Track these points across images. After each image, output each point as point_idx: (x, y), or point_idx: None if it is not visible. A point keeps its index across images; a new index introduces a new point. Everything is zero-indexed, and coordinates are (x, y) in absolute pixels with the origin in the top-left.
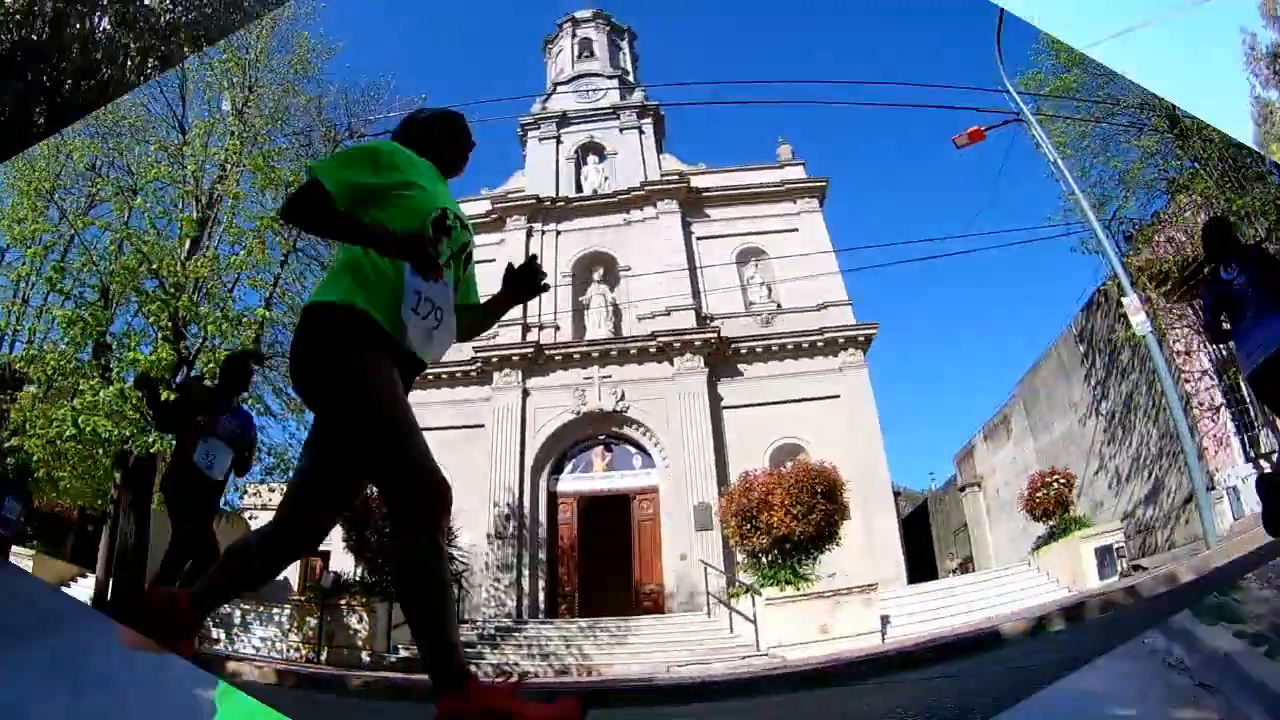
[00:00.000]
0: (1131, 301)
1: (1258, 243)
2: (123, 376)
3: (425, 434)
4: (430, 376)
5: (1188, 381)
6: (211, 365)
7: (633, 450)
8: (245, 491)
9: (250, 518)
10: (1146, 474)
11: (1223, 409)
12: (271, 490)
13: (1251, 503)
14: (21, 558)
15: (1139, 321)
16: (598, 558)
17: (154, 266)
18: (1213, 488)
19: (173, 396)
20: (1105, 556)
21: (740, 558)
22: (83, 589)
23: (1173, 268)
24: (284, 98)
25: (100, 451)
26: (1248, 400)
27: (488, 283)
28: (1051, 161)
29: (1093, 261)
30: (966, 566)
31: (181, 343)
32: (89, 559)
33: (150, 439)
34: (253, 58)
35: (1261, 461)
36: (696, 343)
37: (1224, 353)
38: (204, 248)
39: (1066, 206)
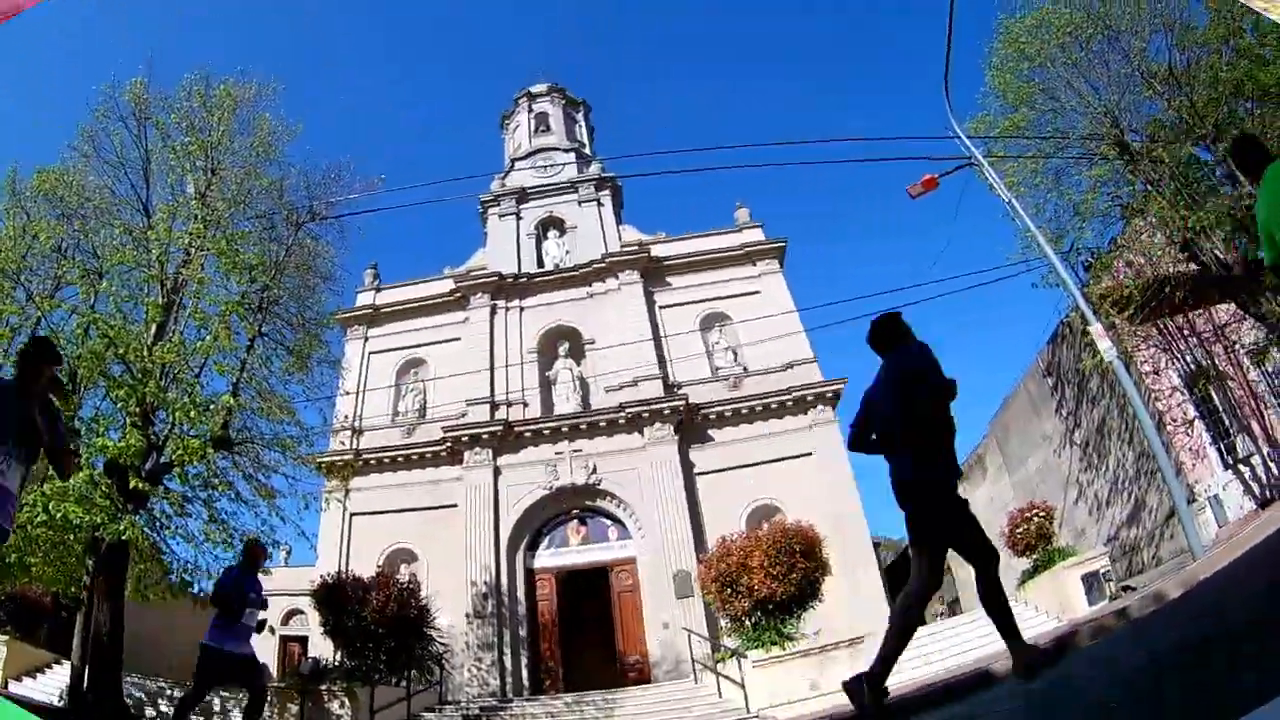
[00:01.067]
0: (1096, 329)
1: None
2: (93, 462)
3: (398, 516)
4: (400, 458)
5: (1158, 399)
6: (180, 452)
7: (608, 522)
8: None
9: None
10: (1126, 495)
11: (1196, 421)
12: None
13: (1234, 509)
14: None
15: (1105, 348)
16: (579, 631)
17: (121, 351)
18: (1194, 500)
19: (143, 485)
20: (1092, 582)
21: (724, 622)
22: (58, 676)
23: (1134, 291)
24: (246, 180)
25: (72, 538)
26: (1221, 410)
27: (453, 360)
28: (1006, 201)
29: (1055, 295)
30: (954, 609)
31: (150, 429)
32: (63, 646)
33: (121, 526)
34: (214, 140)
35: (1241, 466)
36: (665, 411)
37: (1193, 367)
38: (170, 332)
39: (1025, 243)
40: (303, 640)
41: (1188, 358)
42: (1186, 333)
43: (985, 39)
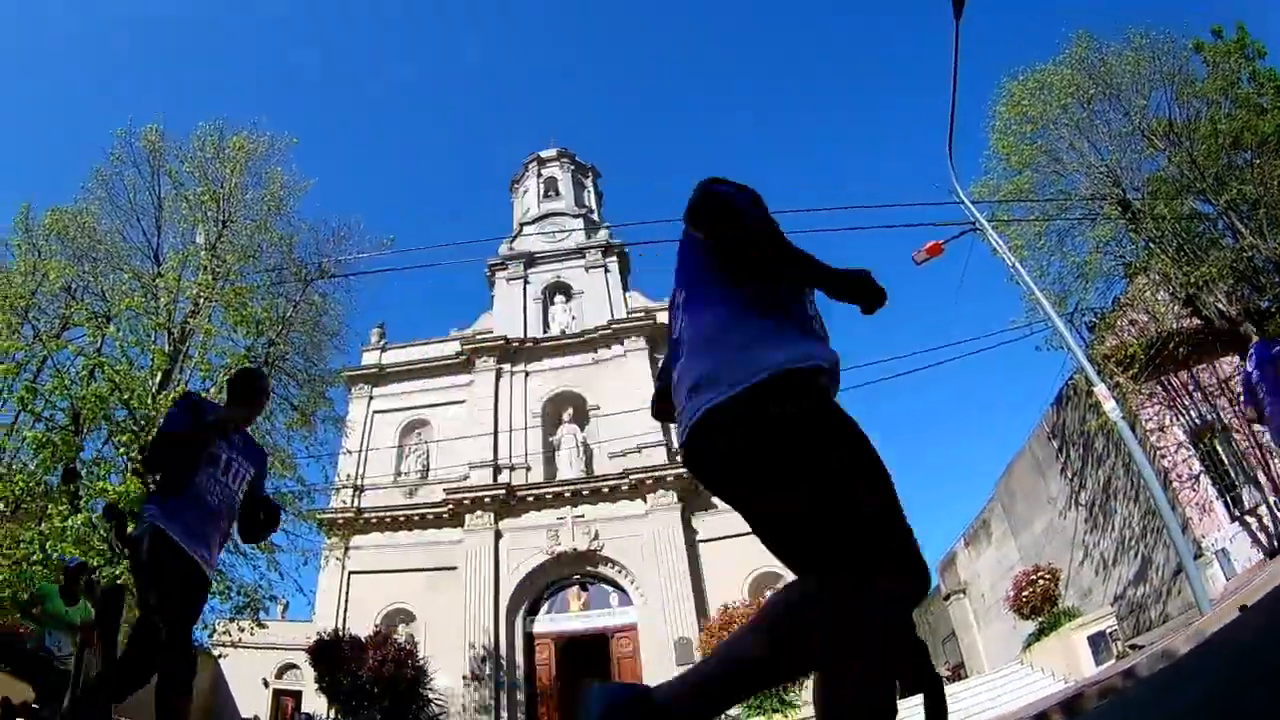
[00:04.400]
0: (1101, 390)
1: None
2: (91, 505)
3: (397, 576)
4: (402, 519)
5: (1164, 456)
6: None
7: (609, 588)
8: (214, 629)
9: (220, 656)
10: (1133, 554)
11: (1201, 476)
12: (241, 629)
13: (1241, 560)
14: None
15: (1110, 408)
16: (578, 697)
17: (125, 397)
18: (1200, 554)
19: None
20: (1099, 643)
21: None
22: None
23: (1138, 350)
24: (257, 234)
25: (66, 578)
26: (1226, 462)
27: (457, 422)
28: (1010, 265)
29: (1059, 357)
30: (958, 673)
31: (150, 476)
32: None
33: (118, 570)
34: (227, 191)
35: (1248, 518)
36: (669, 478)
37: (1198, 421)
38: (175, 381)
39: (1029, 307)
40: (296, 695)
41: (1192, 413)
42: (1191, 388)
43: (988, 102)
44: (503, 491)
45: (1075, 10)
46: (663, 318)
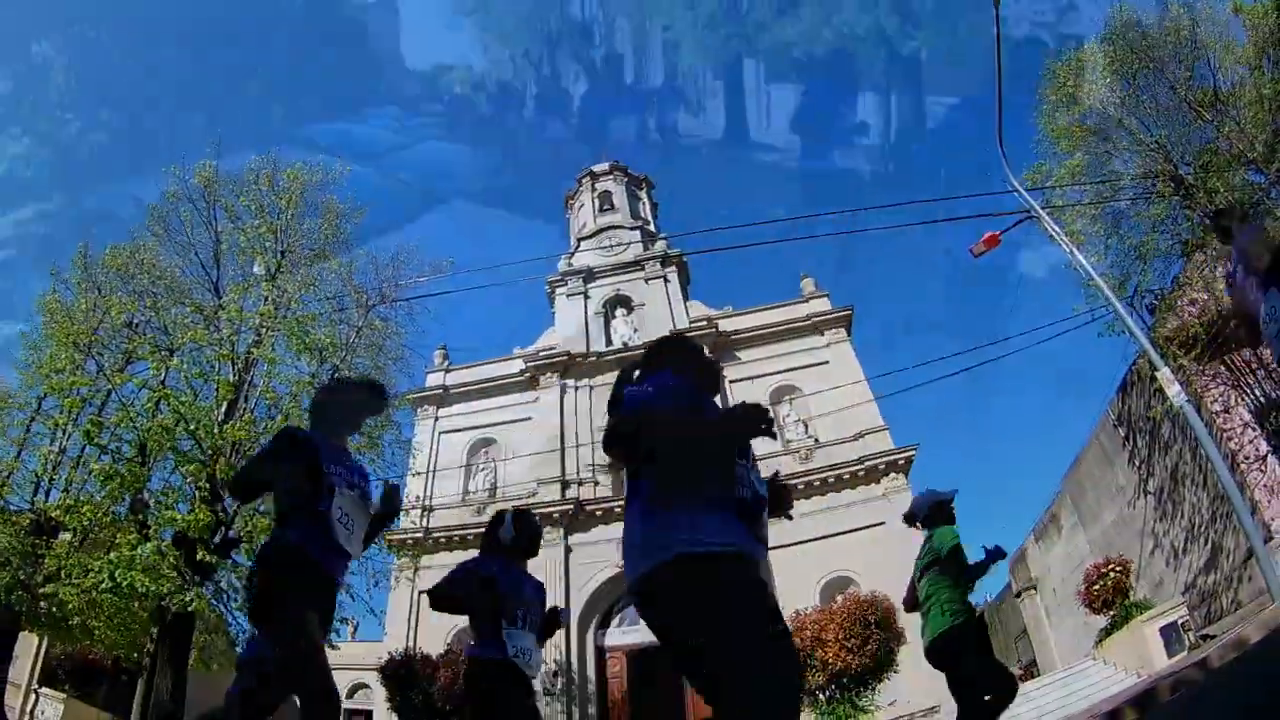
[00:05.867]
0: (1165, 374)
1: None
2: (160, 534)
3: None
4: (471, 537)
5: (1230, 438)
6: (248, 529)
7: None
8: None
9: None
10: (1203, 541)
11: (1269, 456)
12: None
13: None
14: (53, 700)
15: (1175, 393)
16: (650, 711)
17: (191, 427)
18: (1271, 538)
19: (210, 558)
20: (1171, 634)
21: None
22: None
23: (1200, 330)
24: (315, 262)
25: (137, 605)
26: None
27: (524, 439)
28: (1067, 250)
29: (1122, 342)
30: (1030, 671)
31: (219, 504)
32: (121, 708)
33: (188, 597)
34: (284, 223)
35: None
36: None
37: (1263, 400)
38: (240, 411)
39: (1089, 293)
40: (367, 715)
41: (1256, 391)
42: (1254, 365)
43: (1035, 86)
44: (571, 506)
45: None
46: (724, 325)
